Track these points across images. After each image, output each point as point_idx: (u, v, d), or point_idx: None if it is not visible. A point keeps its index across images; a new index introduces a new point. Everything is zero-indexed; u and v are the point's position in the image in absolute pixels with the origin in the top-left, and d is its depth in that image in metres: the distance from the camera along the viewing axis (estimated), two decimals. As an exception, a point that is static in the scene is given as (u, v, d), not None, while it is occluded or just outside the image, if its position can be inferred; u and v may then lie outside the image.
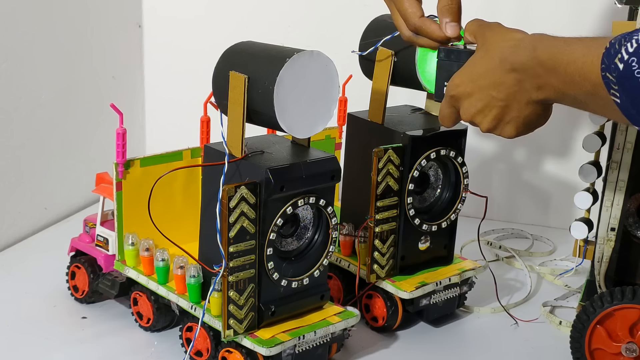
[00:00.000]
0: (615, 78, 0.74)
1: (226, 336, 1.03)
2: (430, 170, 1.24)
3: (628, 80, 0.73)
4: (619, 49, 0.74)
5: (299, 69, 1.00)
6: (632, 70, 0.72)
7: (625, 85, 0.73)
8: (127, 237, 1.18)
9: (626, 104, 0.74)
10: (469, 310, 1.32)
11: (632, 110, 0.74)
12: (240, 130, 1.01)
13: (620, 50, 0.73)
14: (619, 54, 0.73)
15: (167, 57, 1.90)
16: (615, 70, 0.74)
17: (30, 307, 1.28)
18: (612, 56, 0.74)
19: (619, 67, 0.73)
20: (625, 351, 1.06)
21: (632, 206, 1.17)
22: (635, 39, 0.72)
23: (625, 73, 0.73)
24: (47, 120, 1.61)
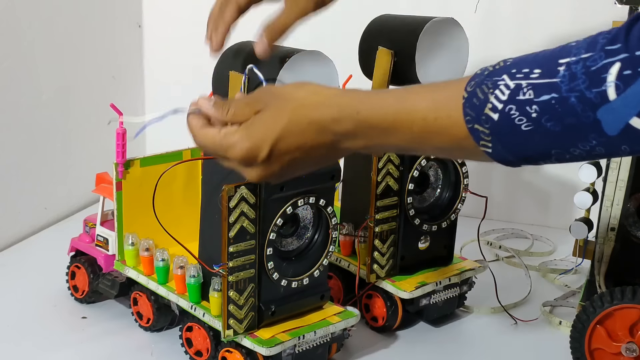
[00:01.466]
0: (489, 129, 0.66)
1: (226, 336, 1.03)
2: (430, 170, 1.24)
3: (506, 129, 0.65)
4: (484, 97, 0.66)
5: (299, 69, 1.00)
6: (511, 118, 0.64)
7: (502, 135, 0.66)
8: (127, 237, 1.18)
9: (501, 152, 0.67)
10: (469, 310, 1.32)
11: (508, 156, 0.67)
12: (240, 130, 1.01)
13: (488, 99, 0.65)
14: (487, 102, 0.65)
15: (167, 57, 1.90)
16: (487, 122, 0.66)
17: (30, 307, 1.28)
18: (479, 107, 0.66)
19: (492, 118, 0.65)
20: (625, 351, 1.06)
21: (632, 206, 1.17)
22: (504, 85, 0.65)
23: (502, 123, 0.65)
24: (47, 120, 1.61)
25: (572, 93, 0.61)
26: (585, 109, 0.61)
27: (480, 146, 0.67)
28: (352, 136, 0.73)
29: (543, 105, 0.63)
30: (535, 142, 0.65)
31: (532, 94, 0.64)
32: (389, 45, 1.19)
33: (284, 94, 0.77)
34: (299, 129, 0.75)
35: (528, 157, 0.67)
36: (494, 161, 0.69)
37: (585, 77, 0.61)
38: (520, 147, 0.66)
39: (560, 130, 0.63)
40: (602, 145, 0.62)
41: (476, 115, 0.66)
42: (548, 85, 0.63)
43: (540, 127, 0.64)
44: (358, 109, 0.72)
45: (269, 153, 0.75)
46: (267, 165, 0.76)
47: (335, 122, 0.73)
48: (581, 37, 0.73)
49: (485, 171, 1.71)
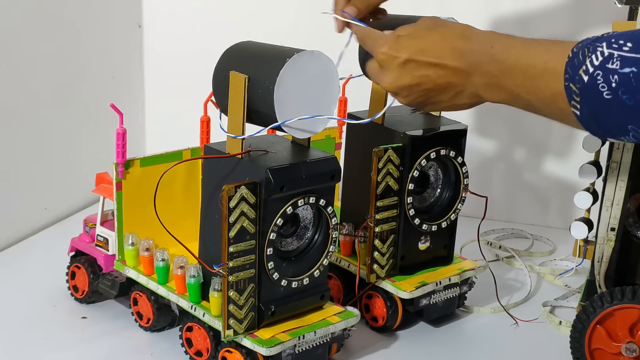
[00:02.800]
0: (579, 90, 0.71)
1: (226, 336, 1.03)
2: (430, 170, 1.24)
3: (592, 93, 0.70)
4: (583, 59, 0.71)
5: (299, 69, 1.00)
6: (596, 83, 0.70)
7: (588, 98, 0.71)
8: (127, 237, 1.18)
9: (587, 117, 0.72)
10: (469, 310, 1.32)
11: (592, 123, 0.72)
12: (240, 130, 1.01)
13: (585, 61, 0.71)
14: (583, 65, 0.71)
15: (167, 57, 1.90)
16: (579, 82, 0.71)
17: (30, 307, 1.28)
18: (576, 67, 0.71)
19: (583, 79, 0.71)
20: (625, 351, 1.06)
21: (632, 206, 1.17)
22: (600, 52, 0.70)
23: (589, 86, 0.70)
24: (47, 120, 1.61)
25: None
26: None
27: (571, 106, 0.73)
28: (480, 70, 0.80)
29: (622, 77, 0.68)
30: (613, 113, 0.69)
31: (619, 64, 0.69)
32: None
33: (442, 21, 0.88)
34: (440, 50, 0.82)
35: (608, 128, 0.71)
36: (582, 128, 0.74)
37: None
38: (601, 116, 0.71)
39: (634, 104, 0.67)
40: None
41: (573, 74, 0.72)
42: (632, 59, 0.68)
43: (617, 98, 0.68)
44: (493, 44, 0.80)
45: (407, 58, 0.84)
46: (401, 72, 0.84)
47: (471, 52, 0.81)
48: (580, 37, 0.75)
49: (486, 171, 1.71)
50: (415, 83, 0.84)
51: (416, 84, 0.84)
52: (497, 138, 1.71)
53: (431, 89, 0.83)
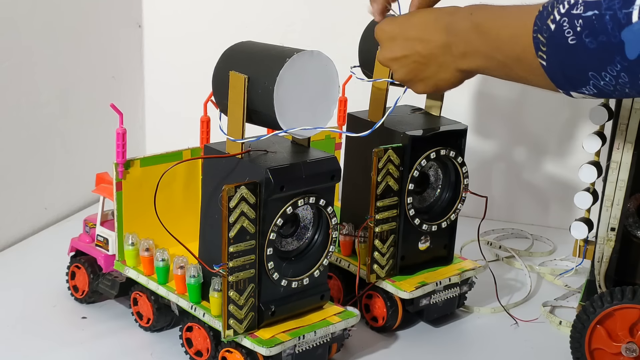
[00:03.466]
0: (546, 39, 0.75)
1: (226, 336, 1.03)
2: (430, 170, 1.24)
3: (558, 40, 0.74)
4: (551, 10, 0.75)
5: (299, 69, 1.00)
6: (562, 30, 0.73)
7: (554, 46, 0.74)
8: (127, 237, 1.18)
9: (553, 66, 0.75)
10: (469, 310, 1.32)
11: (558, 73, 0.76)
12: (240, 130, 1.01)
13: (552, 11, 0.74)
14: (551, 15, 0.74)
15: (167, 57, 1.90)
16: (547, 31, 0.75)
17: (30, 307, 1.28)
18: (545, 17, 0.75)
19: (550, 28, 0.74)
20: (625, 351, 1.06)
21: (632, 206, 1.17)
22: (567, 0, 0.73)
23: (555, 33, 0.74)
24: (47, 120, 1.61)
25: (608, 11, 0.69)
26: (614, 27, 0.69)
27: (538, 57, 0.76)
28: (460, 39, 0.86)
29: (586, 20, 0.71)
30: (577, 59, 0.72)
31: (582, 8, 0.72)
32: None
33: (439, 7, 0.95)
34: (425, 24, 0.90)
35: (571, 77, 0.74)
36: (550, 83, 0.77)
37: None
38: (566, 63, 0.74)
39: (595, 47, 0.70)
40: (625, 70, 0.69)
41: (541, 24, 0.75)
42: (595, 2, 0.71)
43: (581, 42, 0.72)
44: (472, 11, 0.85)
45: (397, 32, 0.92)
46: (392, 45, 0.93)
47: (452, 23, 0.87)
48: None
49: (486, 171, 1.71)
50: (403, 55, 0.91)
51: (404, 56, 0.91)
52: (497, 138, 1.71)
53: (418, 61, 0.90)
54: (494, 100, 1.70)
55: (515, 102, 1.68)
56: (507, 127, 1.71)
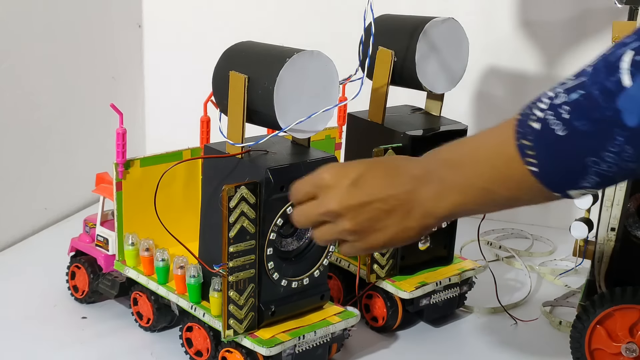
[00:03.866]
0: (532, 141, 0.68)
1: (226, 336, 1.03)
2: (430, 170, 1.24)
3: (546, 136, 0.67)
4: (531, 111, 0.69)
5: (299, 69, 1.00)
6: (548, 125, 0.66)
7: (543, 145, 0.67)
8: (127, 237, 1.18)
9: (545, 167, 0.68)
10: (469, 310, 1.32)
11: (551, 173, 0.68)
12: (240, 130, 1.01)
13: (533, 112, 0.68)
14: (532, 115, 0.68)
15: (167, 57, 1.90)
16: (531, 133, 0.68)
17: (30, 307, 1.28)
18: (526, 121, 0.68)
19: (535, 128, 0.68)
20: (625, 351, 1.06)
21: (632, 206, 1.17)
22: (547, 96, 0.68)
23: (542, 131, 0.67)
24: (47, 120, 1.61)
25: (595, 85, 0.64)
26: (607, 99, 0.63)
27: (526, 164, 0.69)
28: (430, 179, 0.75)
29: (573, 104, 0.65)
30: (571, 148, 0.66)
31: (566, 96, 0.66)
32: (389, 45, 1.19)
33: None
34: (385, 169, 0.78)
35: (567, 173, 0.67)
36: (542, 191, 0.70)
37: (605, 68, 0.63)
38: (560, 157, 0.67)
39: (589, 128, 0.64)
40: (628, 141, 0.63)
41: (523, 130, 0.69)
42: (578, 85, 0.66)
43: (572, 129, 0.65)
44: (439, 151, 0.77)
45: (355, 178, 0.77)
46: (351, 190, 0.77)
47: (418, 165, 0.77)
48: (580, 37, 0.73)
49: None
50: (366, 201, 0.77)
51: (367, 202, 0.77)
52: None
53: (380, 208, 0.77)
54: (494, 100, 1.70)
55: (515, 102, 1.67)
56: (507, 127, 1.71)
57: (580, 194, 0.69)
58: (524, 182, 0.70)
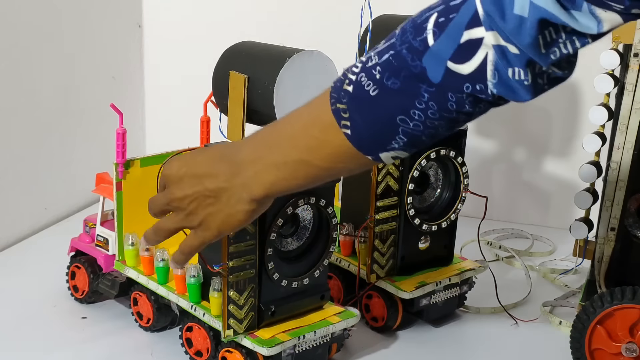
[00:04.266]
0: (346, 103, 0.70)
1: (226, 336, 1.03)
2: (430, 170, 1.24)
3: (359, 97, 0.69)
4: (345, 77, 0.71)
5: (299, 69, 1.00)
6: (362, 85, 0.69)
7: (356, 106, 0.70)
8: (127, 237, 1.18)
9: (358, 129, 0.70)
10: (469, 310, 1.32)
11: (363, 133, 0.70)
12: (240, 130, 1.01)
13: (347, 76, 0.71)
14: (346, 80, 0.71)
15: (167, 57, 1.90)
16: (345, 96, 0.70)
17: (30, 307, 1.28)
18: (340, 87, 0.71)
19: (348, 91, 0.70)
20: (625, 351, 1.06)
21: (632, 206, 1.17)
22: (359, 60, 0.71)
23: (355, 92, 0.70)
24: (47, 120, 1.61)
25: (403, 45, 0.68)
26: (414, 57, 0.67)
27: (341, 127, 0.71)
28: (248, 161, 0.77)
29: (383, 64, 0.69)
30: (382, 107, 0.69)
31: (377, 58, 0.69)
32: (389, 45, 1.19)
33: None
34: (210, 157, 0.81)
35: (379, 130, 0.70)
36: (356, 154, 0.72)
37: (412, 29, 0.68)
38: (371, 116, 0.70)
39: (399, 86, 0.68)
40: (433, 98, 0.67)
41: (337, 95, 0.71)
42: (388, 46, 0.69)
43: (383, 88, 0.69)
44: (257, 131, 0.79)
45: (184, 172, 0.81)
46: (179, 184, 0.81)
47: (236, 151, 0.79)
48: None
49: (486, 171, 1.72)
50: (192, 192, 0.80)
51: (193, 192, 0.80)
52: (497, 138, 1.71)
53: (206, 195, 0.80)
54: (494, 100, 1.70)
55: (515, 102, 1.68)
56: (507, 127, 1.71)
57: (391, 157, 0.72)
58: (339, 147, 0.72)
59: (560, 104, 1.63)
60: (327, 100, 0.72)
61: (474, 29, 0.65)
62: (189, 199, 0.81)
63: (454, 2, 0.67)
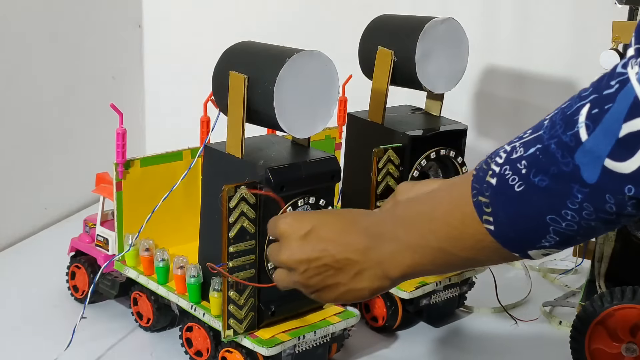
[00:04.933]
0: (489, 197, 0.65)
1: (226, 336, 1.03)
2: (430, 170, 1.24)
3: (503, 193, 0.64)
4: (487, 167, 0.66)
5: (299, 69, 1.00)
6: (505, 180, 0.63)
7: (499, 201, 0.64)
8: (127, 237, 1.18)
9: (503, 226, 0.65)
10: (469, 310, 1.32)
11: (509, 232, 0.64)
12: (240, 130, 1.01)
13: (490, 167, 0.65)
14: (489, 171, 0.65)
15: (167, 57, 1.90)
16: (488, 189, 0.65)
17: (30, 307, 1.28)
18: (482, 177, 0.66)
19: (491, 184, 0.64)
20: (625, 351, 1.06)
21: (632, 206, 1.17)
22: (503, 150, 0.65)
23: (499, 187, 0.64)
24: (47, 120, 1.61)
25: (552, 140, 0.61)
26: (564, 154, 0.60)
27: (483, 222, 0.65)
28: (385, 239, 0.73)
29: (530, 159, 0.62)
30: (529, 205, 0.63)
31: (522, 150, 0.63)
32: (389, 45, 1.19)
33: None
34: (342, 225, 0.76)
35: (527, 230, 0.64)
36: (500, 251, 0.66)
37: (562, 122, 0.61)
38: (518, 215, 0.63)
39: (548, 184, 0.61)
40: (588, 199, 0.60)
41: (480, 186, 0.66)
42: (534, 138, 0.63)
43: (530, 184, 0.62)
44: (395, 209, 0.74)
45: (310, 229, 0.76)
46: (301, 244, 0.76)
47: (374, 224, 0.74)
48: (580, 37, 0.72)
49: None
50: (315, 257, 0.75)
51: (315, 258, 0.75)
52: (497, 138, 1.71)
53: (329, 264, 0.75)
54: (494, 100, 1.70)
55: (515, 102, 1.68)
56: (507, 127, 1.71)
57: (541, 254, 0.66)
58: (481, 241, 0.67)
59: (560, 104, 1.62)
60: (469, 188, 0.67)
61: (634, 119, 0.56)
62: (307, 264, 0.76)
63: (607, 90, 0.58)
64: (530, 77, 1.66)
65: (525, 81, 1.66)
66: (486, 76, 1.69)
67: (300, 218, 0.77)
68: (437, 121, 1.25)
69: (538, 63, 1.65)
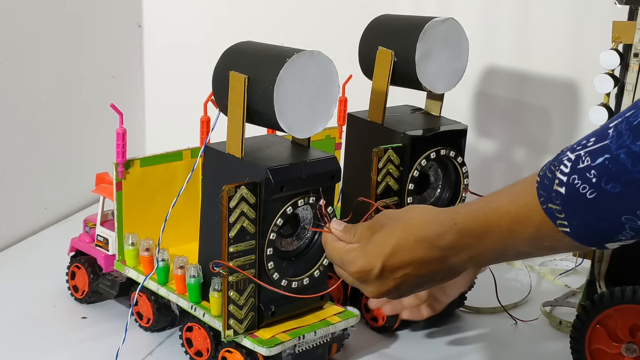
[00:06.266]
0: (560, 205, 0.68)
1: (226, 336, 1.03)
2: (430, 170, 1.24)
3: (575, 201, 0.67)
4: (552, 176, 0.69)
5: (299, 69, 1.00)
6: (576, 188, 0.67)
7: (573, 208, 0.68)
8: (127, 237, 1.18)
9: (578, 228, 0.69)
10: (469, 310, 1.32)
11: (586, 233, 0.69)
12: (240, 130, 1.01)
13: (555, 176, 0.69)
14: (555, 179, 0.69)
15: (167, 57, 1.90)
16: (557, 197, 0.68)
17: (30, 307, 1.28)
18: (549, 186, 0.69)
19: (561, 193, 0.68)
20: (625, 351, 1.06)
21: (632, 206, 1.17)
22: (567, 159, 0.68)
23: (569, 195, 0.68)
24: (47, 120, 1.61)
25: (621, 150, 0.64)
26: (635, 163, 0.63)
27: (557, 226, 0.69)
28: (456, 248, 0.78)
29: (599, 168, 0.66)
30: (603, 210, 0.66)
31: (590, 159, 0.66)
32: (389, 45, 1.19)
33: (398, 215, 0.85)
34: (408, 246, 0.80)
35: (603, 229, 0.68)
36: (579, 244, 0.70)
37: (629, 132, 0.64)
38: (592, 219, 0.67)
39: (620, 190, 0.65)
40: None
41: (547, 194, 0.69)
42: (601, 148, 0.66)
43: (602, 192, 0.66)
44: (456, 220, 0.78)
45: (381, 269, 0.82)
46: (381, 281, 0.82)
47: (439, 237, 0.79)
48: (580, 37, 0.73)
49: (485, 171, 1.71)
50: (399, 283, 0.82)
51: (401, 284, 0.82)
52: (497, 138, 1.71)
53: (416, 282, 0.82)
54: (494, 100, 1.70)
55: (515, 102, 1.68)
56: (507, 127, 1.71)
57: (620, 244, 0.70)
58: (558, 240, 0.71)
59: (560, 103, 1.63)
60: (534, 197, 0.71)
61: None
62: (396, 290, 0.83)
63: None
64: (530, 77, 1.66)
65: (525, 81, 1.66)
66: (486, 76, 1.69)
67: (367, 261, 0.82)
68: (437, 121, 1.25)
69: (538, 63, 1.65)
